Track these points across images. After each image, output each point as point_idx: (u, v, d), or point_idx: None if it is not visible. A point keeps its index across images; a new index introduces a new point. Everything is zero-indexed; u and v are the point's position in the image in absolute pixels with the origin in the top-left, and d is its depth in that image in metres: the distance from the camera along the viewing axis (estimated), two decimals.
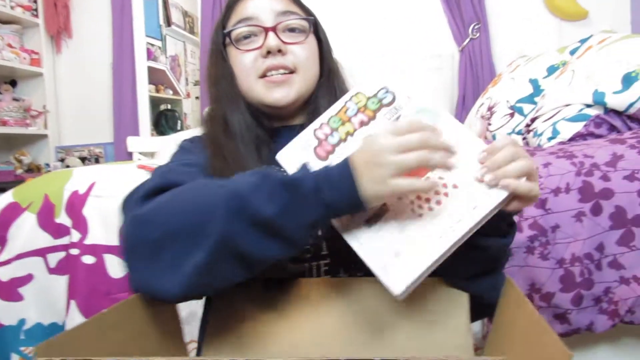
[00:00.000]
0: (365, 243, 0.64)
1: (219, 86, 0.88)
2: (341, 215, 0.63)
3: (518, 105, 1.99)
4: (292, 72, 0.85)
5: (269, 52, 0.84)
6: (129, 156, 3.24)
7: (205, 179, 0.71)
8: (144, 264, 0.62)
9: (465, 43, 2.91)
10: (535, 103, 1.93)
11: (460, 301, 0.72)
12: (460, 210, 0.62)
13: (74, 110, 3.59)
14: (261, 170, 0.65)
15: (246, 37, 0.86)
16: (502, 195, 0.61)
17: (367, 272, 0.64)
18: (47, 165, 3.44)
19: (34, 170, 3.41)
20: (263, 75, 0.84)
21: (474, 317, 0.72)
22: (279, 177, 0.62)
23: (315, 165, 0.66)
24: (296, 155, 0.71)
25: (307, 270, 0.78)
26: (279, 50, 0.84)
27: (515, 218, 0.77)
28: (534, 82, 1.99)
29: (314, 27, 0.90)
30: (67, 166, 3.30)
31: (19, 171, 3.32)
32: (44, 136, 3.49)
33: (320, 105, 0.87)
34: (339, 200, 0.60)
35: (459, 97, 2.93)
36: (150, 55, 3.47)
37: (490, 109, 2.18)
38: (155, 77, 3.59)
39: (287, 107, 0.86)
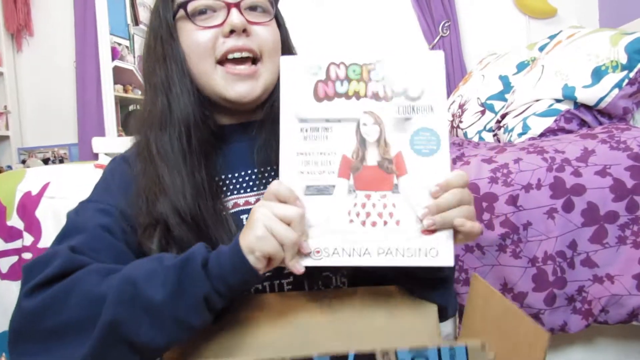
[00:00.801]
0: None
1: (164, 69, 0.75)
2: (238, 287, 0.60)
3: (489, 102, 1.97)
4: (255, 59, 0.75)
5: (232, 32, 0.72)
6: (94, 157, 3.14)
7: (103, 265, 0.63)
8: (29, 357, 0.59)
9: (435, 41, 2.89)
10: (505, 100, 1.91)
11: (428, 308, 0.70)
12: (390, 244, 0.60)
13: (36, 111, 3.45)
14: (160, 255, 0.63)
15: (202, 12, 0.74)
16: (429, 261, 0.59)
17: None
18: (9, 167, 3.31)
19: None
20: (223, 60, 0.73)
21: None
22: (172, 260, 0.60)
23: (305, 103, 0.63)
24: (297, 74, 0.64)
25: (269, 289, 0.73)
26: (244, 30, 0.73)
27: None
28: (504, 79, 1.98)
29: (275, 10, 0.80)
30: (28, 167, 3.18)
31: None
32: (5, 137, 3.35)
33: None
34: (226, 270, 0.58)
35: None
36: (116, 55, 3.36)
37: (461, 106, 2.17)
38: (123, 77, 3.48)
39: (251, 103, 0.76)
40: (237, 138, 0.79)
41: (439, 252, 0.59)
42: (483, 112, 1.99)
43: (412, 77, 0.63)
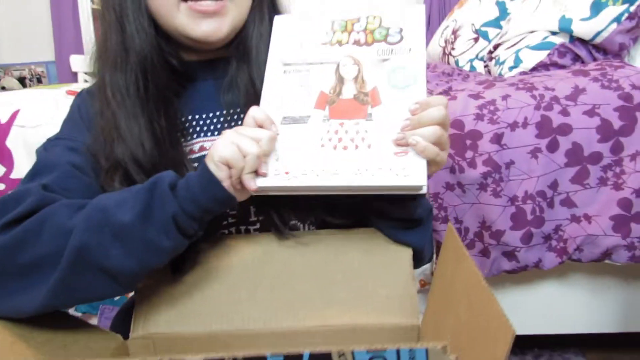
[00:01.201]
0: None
1: (118, 2, 0.69)
2: (207, 205, 0.59)
3: (483, 29, 1.90)
4: None
5: None
6: (73, 76, 3.04)
7: (75, 200, 0.62)
8: (4, 291, 0.59)
9: None
10: (500, 27, 1.84)
11: (402, 250, 0.70)
12: (360, 165, 0.60)
13: (10, 26, 3.29)
14: (133, 186, 0.62)
15: None
16: (400, 180, 0.59)
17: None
18: None
19: None
20: None
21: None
22: (140, 185, 0.60)
23: (291, 50, 0.68)
24: (288, 30, 0.70)
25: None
26: None
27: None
28: (500, 5, 1.89)
29: None
30: (3, 87, 3.07)
31: None
32: None
33: (250, 36, 0.73)
34: (193, 188, 0.58)
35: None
36: None
37: (454, 32, 2.08)
38: None
39: (217, 42, 0.71)
40: (202, 76, 0.76)
41: (411, 173, 0.58)
42: (476, 40, 1.92)
43: (392, 29, 0.66)
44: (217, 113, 0.74)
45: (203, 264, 0.69)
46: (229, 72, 0.74)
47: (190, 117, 0.74)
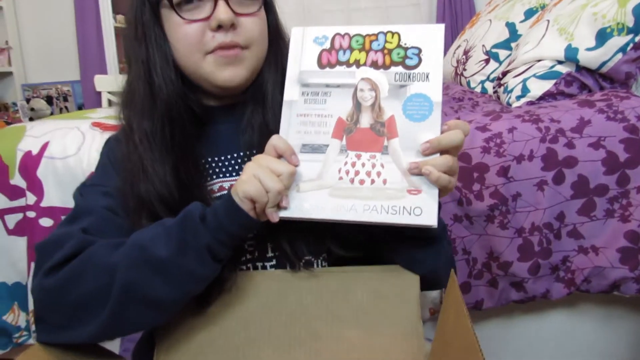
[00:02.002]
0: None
1: (146, 54, 0.74)
2: (236, 232, 0.64)
3: (494, 50, 1.92)
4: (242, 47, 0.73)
5: (219, 26, 0.70)
6: (97, 95, 3.13)
7: (111, 240, 0.68)
8: (54, 327, 0.66)
9: None
10: (511, 49, 1.86)
11: (410, 287, 0.73)
12: (376, 202, 0.63)
13: (38, 47, 3.41)
14: (161, 220, 0.67)
15: (188, 1, 0.71)
16: (413, 219, 0.61)
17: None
18: (14, 104, 3.32)
19: (1, 109, 3.30)
20: (211, 52, 0.72)
21: (425, 288, 0.75)
22: (172, 220, 0.65)
23: (309, 69, 0.69)
24: (305, 43, 0.71)
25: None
26: (232, 25, 0.71)
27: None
28: (510, 27, 1.91)
29: None
30: (32, 109, 3.18)
31: None
32: (9, 73, 3.35)
33: (265, 82, 0.78)
34: (221, 218, 0.63)
35: None
36: None
37: (466, 52, 2.11)
38: (123, 6, 3.38)
39: (238, 87, 0.76)
40: (221, 120, 0.81)
41: (423, 211, 0.61)
42: (487, 61, 1.94)
43: (410, 49, 0.66)
44: (235, 155, 0.79)
45: (221, 299, 0.73)
46: (245, 116, 0.78)
47: (210, 159, 0.79)
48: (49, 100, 3.31)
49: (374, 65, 0.67)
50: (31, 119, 3.14)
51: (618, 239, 1.13)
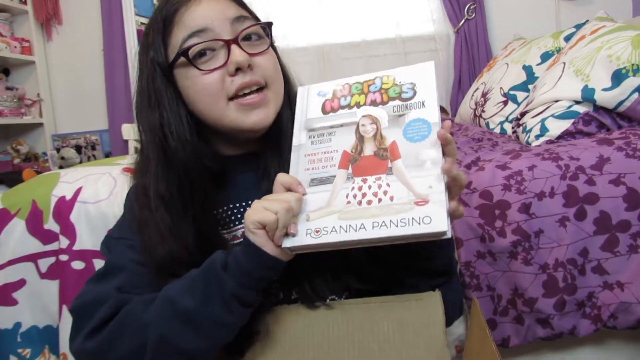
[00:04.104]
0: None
1: (159, 117, 0.74)
2: (259, 274, 0.65)
3: (512, 92, 1.97)
4: (262, 87, 0.76)
5: (237, 69, 0.73)
6: (124, 143, 3.22)
7: (144, 296, 0.70)
8: None
9: (460, 24, 2.85)
10: (528, 90, 1.90)
11: (434, 313, 0.74)
12: (385, 217, 0.64)
13: (68, 98, 3.55)
14: (190, 271, 0.68)
15: (202, 54, 0.73)
16: (423, 228, 0.62)
17: None
18: (44, 154, 3.44)
19: (31, 159, 3.41)
20: (233, 97, 0.74)
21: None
22: (196, 271, 0.67)
23: (314, 117, 0.75)
24: (310, 98, 0.78)
25: None
26: (248, 65, 0.73)
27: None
28: (527, 69, 1.96)
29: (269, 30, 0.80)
30: (62, 157, 3.29)
31: (17, 161, 3.32)
32: (40, 125, 3.47)
33: (284, 119, 0.80)
34: (242, 262, 0.64)
35: (454, 80, 2.88)
36: None
37: (484, 95, 2.16)
38: None
39: (265, 129, 0.77)
40: (241, 169, 0.83)
41: (433, 219, 0.61)
42: (505, 103, 1.98)
43: (405, 84, 0.72)
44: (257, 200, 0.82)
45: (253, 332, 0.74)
46: (263, 164, 0.80)
47: (231, 206, 0.81)
48: (78, 149, 3.42)
49: (374, 103, 0.73)
50: (61, 167, 3.25)
51: None
